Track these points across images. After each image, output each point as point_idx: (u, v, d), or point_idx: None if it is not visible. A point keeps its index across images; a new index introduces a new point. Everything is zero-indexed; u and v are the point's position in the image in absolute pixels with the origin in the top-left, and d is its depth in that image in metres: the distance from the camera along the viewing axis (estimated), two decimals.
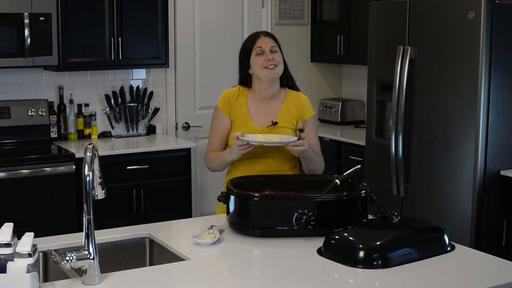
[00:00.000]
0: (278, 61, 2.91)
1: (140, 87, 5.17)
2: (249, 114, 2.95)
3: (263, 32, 3.01)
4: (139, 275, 2.16)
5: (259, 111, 2.96)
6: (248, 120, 2.94)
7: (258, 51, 2.91)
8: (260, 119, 2.95)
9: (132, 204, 4.60)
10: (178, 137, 5.34)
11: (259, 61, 2.90)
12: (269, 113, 2.96)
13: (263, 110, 2.96)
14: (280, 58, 2.94)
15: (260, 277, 2.21)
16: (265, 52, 2.90)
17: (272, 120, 2.94)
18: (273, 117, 2.95)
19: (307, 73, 5.79)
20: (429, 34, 4.06)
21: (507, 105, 3.90)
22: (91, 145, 2.10)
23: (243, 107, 2.96)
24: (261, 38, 2.95)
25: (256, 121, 2.94)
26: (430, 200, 4.11)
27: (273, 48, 2.92)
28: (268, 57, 2.89)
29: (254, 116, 2.95)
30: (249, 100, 2.98)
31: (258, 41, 2.93)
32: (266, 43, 2.92)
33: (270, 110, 2.97)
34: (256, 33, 3.01)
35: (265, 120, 2.95)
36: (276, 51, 2.93)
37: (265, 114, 2.96)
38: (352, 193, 2.53)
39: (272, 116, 2.95)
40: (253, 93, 2.99)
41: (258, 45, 2.92)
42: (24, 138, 4.71)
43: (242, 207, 2.51)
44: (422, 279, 2.11)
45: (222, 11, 5.48)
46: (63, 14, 4.53)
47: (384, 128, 4.51)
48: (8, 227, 2.01)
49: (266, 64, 2.89)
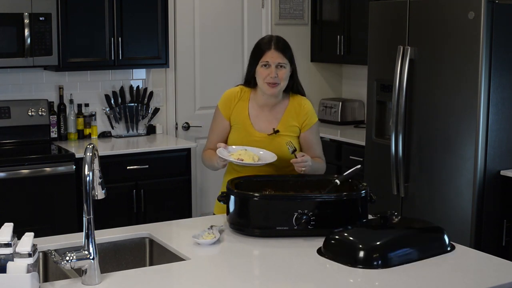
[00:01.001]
0: (282, 78, 2.83)
1: (140, 87, 5.17)
2: (250, 119, 2.91)
3: (274, 45, 2.84)
4: (139, 275, 2.16)
5: (260, 116, 2.92)
6: (249, 126, 2.90)
7: (263, 64, 2.83)
8: (262, 125, 2.91)
9: (132, 204, 4.61)
10: (178, 137, 5.34)
11: (263, 73, 2.83)
12: (271, 120, 2.91)
13: (264, 116, 2.92)
14: (286, 74, 2.84)
15: (260, 277, 2.21)
16: (270, 66, 2.82)
17: (273, 127, 2.89)
18: (274, 125, 2.90)
19: (307, 73, 5.79)
20: (429, 34, 4.06)
21: (507, 105, 3.90)
22: (91, 145, 2.10)
23: (244, 111, 2.92)
24: (271, 52, 2.82)
25: (258, 127, 2.90)
26: (430, 200, 4.11)
27: (281, 64, 2.82)
28: (272, 74, 2.81)
29: (255, 121, 2.91)
30: (251, 103, 2.93)
31: (267, 54, 2.83)
32: (274, 58, 2.81)
33: (272, 117, 2.92)
34: (268, 43, 2.86)
35: (266, 127, 2.90)
36: (283, 66, 2.83)
37: (266, 120, 2.91)
38: (352, 193, 2.53)
39: (273, 123, 2.91)
40: (255, 97, 2.93)
41: (266, 59, 2.82)
42: (24, 138, 4.71)
43: (242, 207, 2.51)
44: (422, 279, 2.11)
45: (222, 11, 5.48)
46: (63, 14, 4.53)
47: (384, 128, 4.51)
48: (8, 227, 2.01)
49: (268, 80, 2.82)
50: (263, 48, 2.86)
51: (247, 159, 2.72)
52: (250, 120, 2.91)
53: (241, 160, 2.72)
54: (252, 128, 2.90)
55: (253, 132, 2.90)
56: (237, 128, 2.93)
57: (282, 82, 2.85)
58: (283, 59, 2.83)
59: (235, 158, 2.73)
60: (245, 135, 2.89)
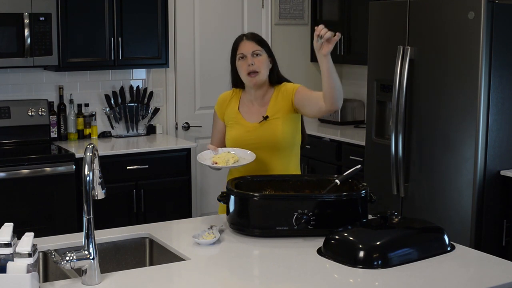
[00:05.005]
0: (259, 66, 2.89)
1: (140, 87, 5.17)
2: (240, 113, 2.98)
3: (246, 35, 2.97)
4: (139, 275, 2.16)
5: (251, 110, 2.98)
6: (240, 119, 2.97)
7: (240, 56, 2.93)
8: (252, 117, 2.96)
9: (132, 204, 4.61)
10: (178, 137, 5.34)
11: (242, 66, 2.92)
12: (260, 111, 2.96)
13: (255, 109, 2.98)
14: (263, 61, 2.90)
15: (260, 277, 2.21)
16: (246, 57, 2.90)
17: (263, 115, 2.94)
18: (263, 113, 2.95)
19: (307, 73, 5.79)
20: (429, 34, 4.05)
21: (507, 105, 3.90)
22: (91, 145, 2.10)
23: (234, 108, 3.00)
24: (243, 42, 2.94)
25: (249, 119, 2.96)
26: (430, 200, 4.10)
27: (255, 51, 2.90)
28: (248, 61, 2.89)
29: (246, 115, 2.97)
30: (241, 101, 3.01)
31: (240, 45, 2.94)
32: (247, 48, 2.91)
33: (261, 108, 2.97)
34: (240, 36, 2.99)
35: (257, 118, 2.95)
36: (259, 54, 2.91)
37: (256, 112, 2.97)
38: (352, 193, 2.53)
39: (262, 112, 2.96)
40: (244, 94, 3.02)
41: (240, 50, 2.93)
42: (24, 138, 4.71)
43: (242, 207, 2.51)
44: (422, 279, 2.11)
45: (222, 11, 5.48)
46: (63, 14, 4.53)
47: (384, 128, 4.51)
48: (8, 227, 2.02)
49: (247, 70, 2.90)
50: (236, 41, 2.99)
51: (220, 162, 2.75)
52: (241, 115, 2.98)
53: (215, 163, 2.75)
54: (244, 120, 2.97)
55: (245, 123, 2.95)
56: (230, 125, 3.00)
57: (261, 70, 2.90)
58: (256, 46, 2.92)
59: (212, 162, 2.76)
60: (239, 128, 2.95)
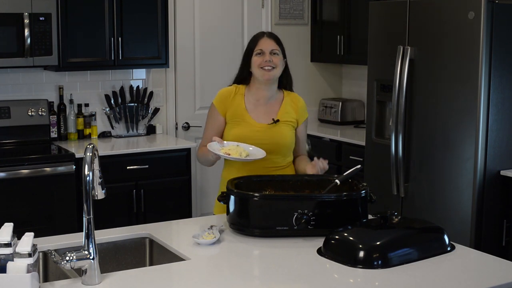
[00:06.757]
0: (276, 64, 2.94)
1: (140, 87, 5.17)
2: (248, 112, 2.97)
3: (267, 33, 3.03)
4: (139, 275, 2.16)
5: (257, 109, 2.99)
6: (248, 118, 2.96)
7: (258, 52, 2.95)
8: (260, 117, 2.97)
9: (132, 204, 4.60)
10: (178, 137, 5.34)
11: (257, 60, 2.94)
12: (268, 112, 2.98)
13: (262, 109, 2.99)
14: (280, 61, 2.96)
15: (260, 277, 2.21)
16: (265, 53, 2.93)
17: (272, 118, 2.96)
18: (273, 115, 2.97)
19: (307, 73, 5.79)
20: (429, 34, 4.06)
21: (507, 105, 3.90)
22: (91, 145, 2.10)
23: (240, 106, 2.98)
24: (264, 39, 2.98)
25: (257, 118, 2.97)
26: (430, 200, 4.11)
27: (274, 50, 2.95)
28: (266, 58, 2.92)
29: (254, 114, 2.97)
30: (246, 98, 3.00)
31: (260, 42, 2.97)
32: (267, 45, 2.95)
33: (269, 109, 2.99)
34: (261, 33, 3.04)
35: (265, 118, 2.97)
36: (277, 53, 2.95)
37: (264, 112, 2.98)
38: (352, 193, 2.53)
39: (272, 114, 2.98)
40: (250, 92, 3.01)
41: (259, 46, 2.95)
42: (24, 138, 4.71)
43: (242, 207, 2.51)
44: (422, 279, 2.11)
45: (222, 11, 5.48)
46: (63, 14, 4.53)
47: (384, 128, 4.51)
48: (8, 227, 2.02)
49: (263, 64, 2.92)
50: (256, 37, 3.01)
51: (234, 154, 2.77)
52: (248, 113, 2.97)
53: (228, 154, 2.77)
54: (252, 119, 2.96)
55: (253, 123, 2.95)
56: (236, 122, 2.97)
57: (277, 68, 2.95)
58: (275, 45, 2.97)
59: (224, 152, 2.77)
60: (245, 127, 2.94)
